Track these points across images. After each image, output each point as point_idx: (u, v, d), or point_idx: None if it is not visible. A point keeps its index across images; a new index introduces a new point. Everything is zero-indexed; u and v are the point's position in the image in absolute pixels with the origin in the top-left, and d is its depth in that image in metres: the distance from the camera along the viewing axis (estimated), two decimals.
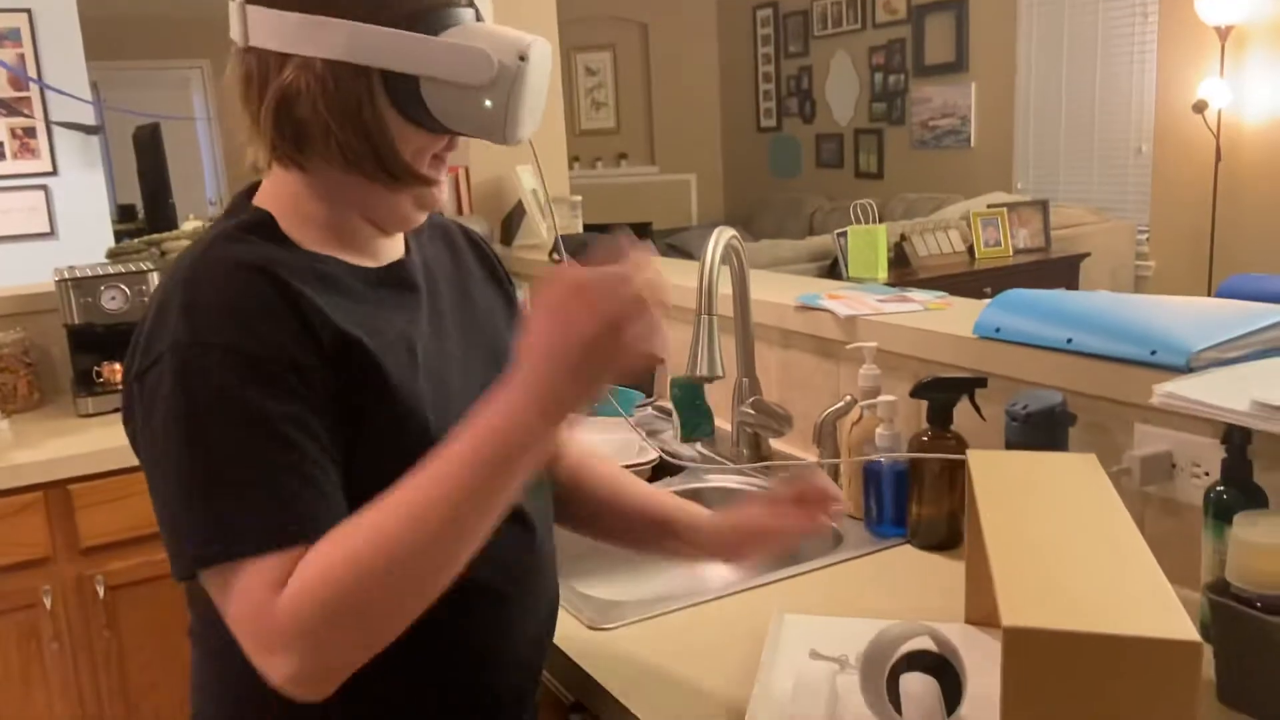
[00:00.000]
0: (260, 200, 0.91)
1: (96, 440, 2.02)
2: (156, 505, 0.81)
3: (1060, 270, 4.69)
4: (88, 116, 4.35)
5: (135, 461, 0.89)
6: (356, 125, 0.83)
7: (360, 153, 0.84)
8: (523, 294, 2.57)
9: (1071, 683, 0.70)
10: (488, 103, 0.81)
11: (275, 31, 0.82)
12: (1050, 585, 0.75)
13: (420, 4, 0.82)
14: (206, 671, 0.97)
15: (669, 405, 1.91)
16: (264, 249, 0.85)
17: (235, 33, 0.85)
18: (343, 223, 0.90)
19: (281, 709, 0.86)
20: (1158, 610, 0.72)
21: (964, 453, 1.06)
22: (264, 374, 0.78)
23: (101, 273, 2.25)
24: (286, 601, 0.74)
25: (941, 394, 1.32)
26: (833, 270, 4.48)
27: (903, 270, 4.48)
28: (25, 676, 1.95)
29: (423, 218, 0.94)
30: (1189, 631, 0.68)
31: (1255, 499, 1.01)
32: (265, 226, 0.88)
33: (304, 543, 0.76)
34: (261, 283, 0.81)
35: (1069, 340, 1.23)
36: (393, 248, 0.96)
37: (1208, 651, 0.98)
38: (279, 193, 0.90)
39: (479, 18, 0.86)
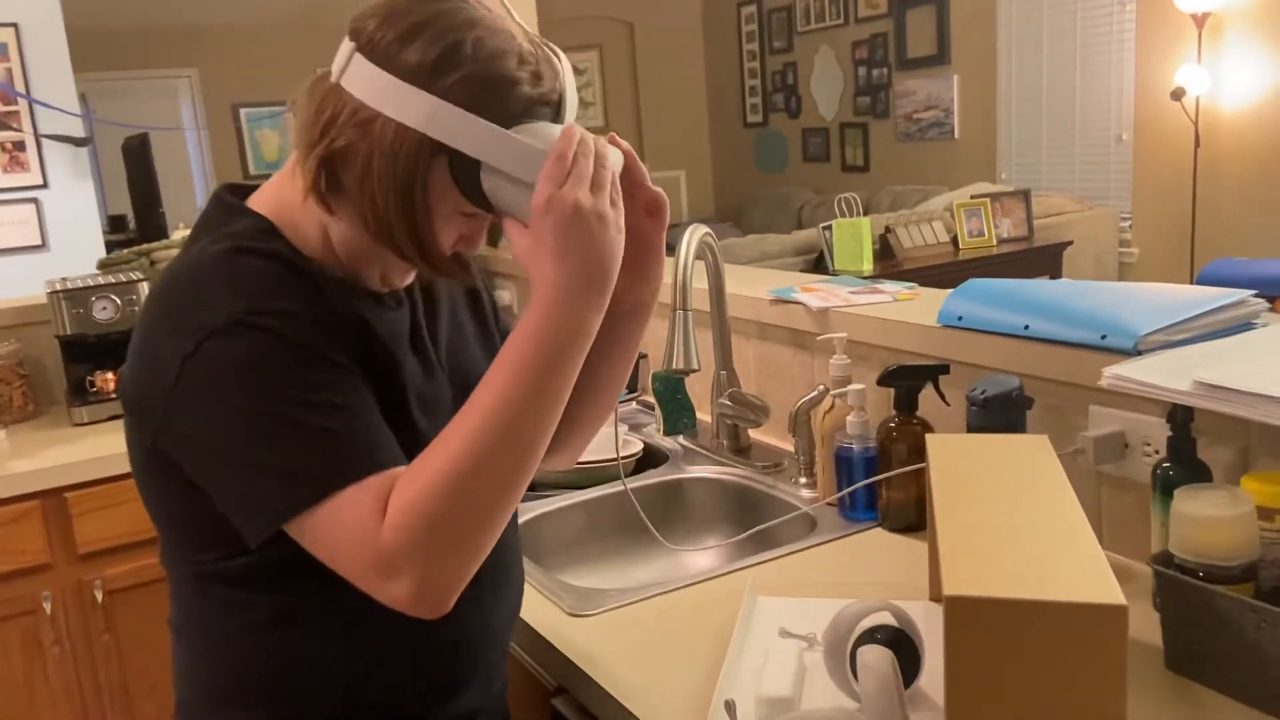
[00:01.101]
0: (260, 203, 0.93)
1: (91, 448, 2.07)
2: (221, 472, 0.83)
3: (1044, 259, 4.74)
4: (77, 129, 4.39)
5: (129, 468, 0.92)
6: (403, 202, 0.84)
7: (395, 229, 0.85)
8: (508, 295, 2.62)
9: (1010, 647, 0.75)
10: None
11: (369, 83, 0.84)
12: (991, 558, 0.80)
13: (519, 106, 0.84)
14: (187, 659, 0.99)
15: (652, 399, 1.95)
16: (280, 249, 0.88)
17: (335, 67, 0.87)
18: (347, 255, 0.93)
19: (260, 691, 0.92)
20: (1090, 578, 0.76)
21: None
22: (321, 333, 0.84)
23: (92, 284, 2.29)
24: (392, 526, 0.78)
25: (907, 381, 1.37)
26: (819, 264, 4.53)
27: (888, 262, 4.53)
28: (28, 680, 2.00)
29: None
30: (1116, 596, 0.73)
31: (1199, 474, 1.06)
32: (269, 234, 0.90)
33: (385, 469, 0.81)
34: (292, 271, 0.86)
35: (1026, 327, 1.28)
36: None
37: (1156, 620, 1.03)
38: (285, 200, 0.91)
39: (557, 117, 0.88)
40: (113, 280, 2.30)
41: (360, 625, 0.92)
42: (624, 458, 1.75)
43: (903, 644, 0.96)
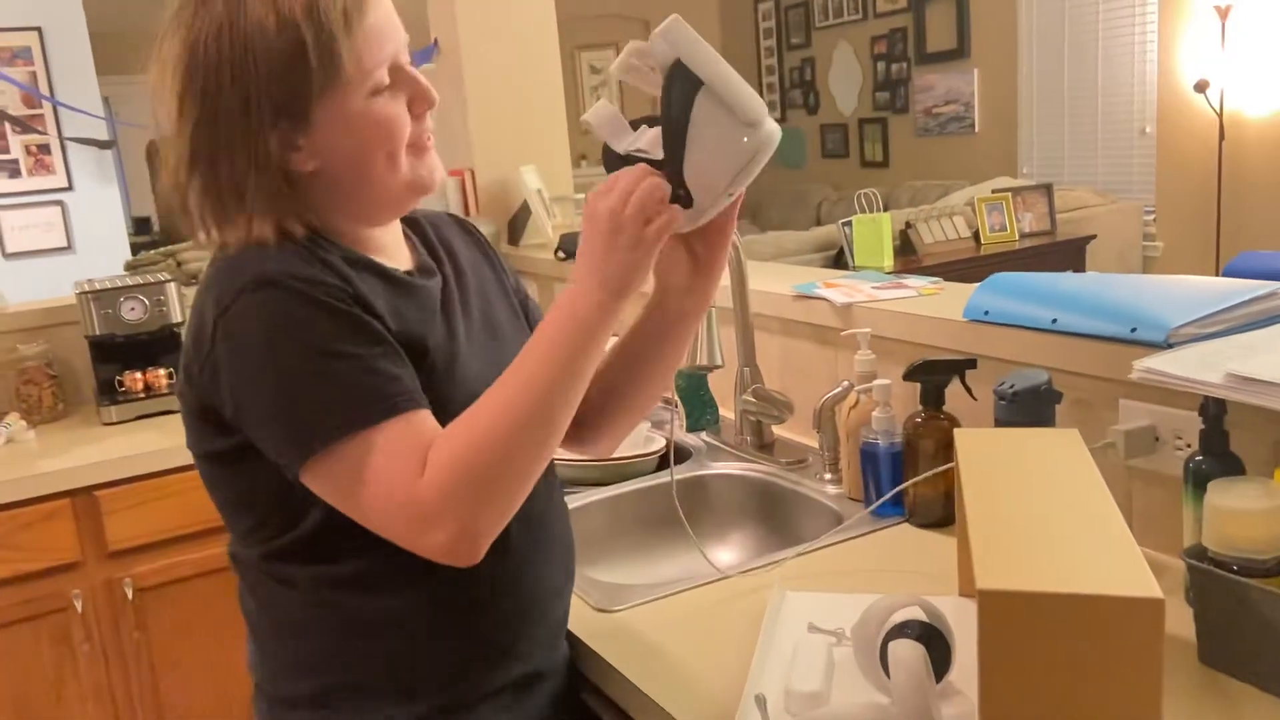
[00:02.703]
0: None
1: (121, 447, 2.09)
2: (260, 414, 0.88)
3: (1067, 253, 4.70)
4: (101, 131, 4.43)
5: (159, 466, 0.96)
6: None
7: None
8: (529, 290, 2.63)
9: (1044, 641, 0.74)
10: None
11: None
12: (1024, 551, 0.80)
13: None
14: (257, 643, 1.05)
15: (675, 397, 1.95)
16: (307, 237, 0.95)
17: None
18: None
19: (327, 661, 0.99)
20: (1125, 571, 0.76)
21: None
22: (343, 298, 0.90)
23: (120, 284, 2.31)
24: (430, 480, 0.84)
25: (933, 376, 1.36)
26: (839, 260, 4.51)
27: (909, 258, 4.51)
28: (59, 678, 2.02)
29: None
30: (1152, 589, 0.73)
31: (1232, 468, 1.05)
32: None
33: (416, 409, 0.87)
34: (318, 247, 0.93)
35: (1054, 321, 1.27)
36: (401, 252, 1.05)
37: (1189, 615, 1.02)
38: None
39: None
40: (141, 281, 2.32)
41: (420, 591, 0.97)
42: (654, 453, 1.75)
43: (933, 639, 0.95)
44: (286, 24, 0.87)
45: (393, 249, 1.04)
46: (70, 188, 4.44)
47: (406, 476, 0.84)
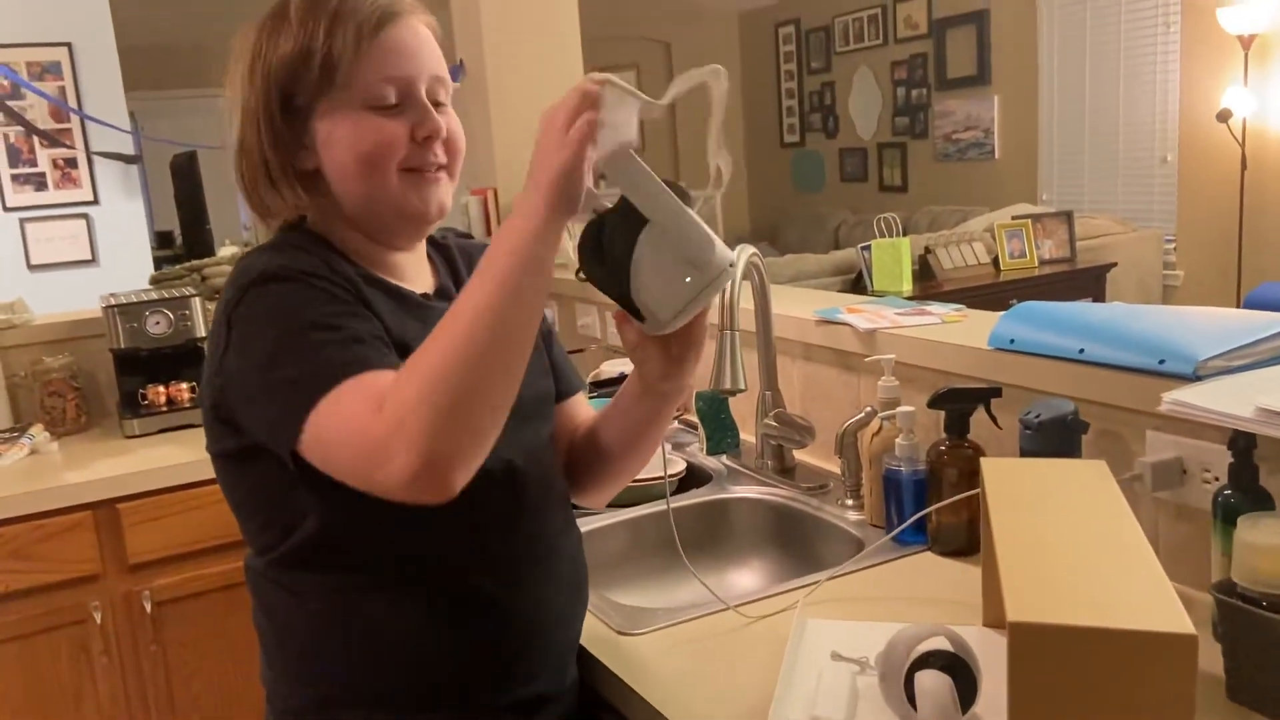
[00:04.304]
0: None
1: (143, 460, 2.10)
2: (255, 399, 0.93)
3: (1087, 281, 4.69)
4: (127, 146, 4.48)
5: (180, 480, 0.98)
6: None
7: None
8: (551, 313, 2.63)
9: (1075, 675, 0.74)
10: None
11: None
12: (1055, 583, 0.79)
13: None
14: (266, 652, 1.07)
15: (694, 419, 1.95)
16: (324, 243, 1.02)
17: None
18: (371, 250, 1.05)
19: (336, 671, 1.00)
20: (1157, 606, 0.75)
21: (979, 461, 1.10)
22: (339, 293, 0.94)
23: (146, 298, 2.33)
24: (385, 412, 0.84)
25: (958, 404, 1.36)
26: (857, 284, 4.51)
27: (928, 283, 4.51)
28: (77, 689, 2.03)
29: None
30: (1185, 625, 0.72)
31: (1261, 502, 1.04)
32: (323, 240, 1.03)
33: (385, 367, 0.89)
34: (329, 259, 0.98)
35: (1081, 351, 1.27)
36: (421, 277, 1.09)
37: (1216, 650, 1.01)
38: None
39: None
40: (166, 295, 2.34)
41: (430, 602, 0.99)
42: (668, 476, 1.74)
43: (959, 670, 0.95)
44: (306, 32, 0.97)
45: (410, 272, 1.07)
46: (96, 201, 4.48)
47: (364, 419, 0.85)
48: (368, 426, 0.84)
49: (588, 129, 0.86)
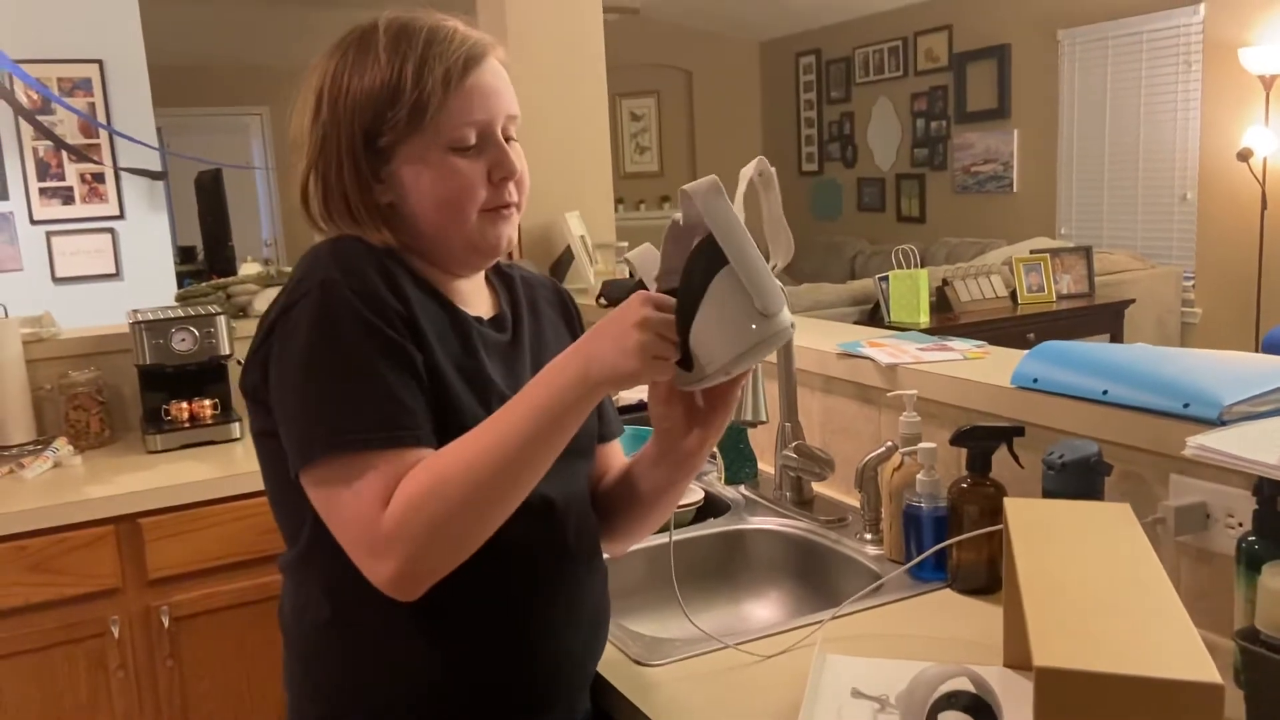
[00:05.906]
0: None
1: (165, 476, 2.12)
2: (284, 410, 0.94)
3: (1105, 317, 4.68)
4: (153, 162, 4.53)
5: (201, 496, 1.00)
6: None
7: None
8: None
9: None
10: None
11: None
12: (1081, 628, 0.80)
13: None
14: (286, 660, 1.08)
15: (714, 449, 1.96)
16: (386, 248, 1.02)
17: None
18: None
19: (350, 690, 1.01)
20: (1183, 654, 0.76)
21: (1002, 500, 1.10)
22: (391, 320, 0.94)
23: (172, 315, 2.36)
24: (392, 514, 0.87)
25: (981, 442, 1.36)
26: (874, 314, 4.52)
27: (945, 315, 4.51)
28: (93, 703, 2.03)
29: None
30: (1212, 674, 0.72)
31: None
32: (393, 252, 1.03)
33: (414, 447, 0.91)
34: (390, 268, 0.98)
35: (1105, 392, 1.27)
36: (479, 301, 1.10)
37: (1238, 696, 1.01)
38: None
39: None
40: (192, 313, 2.36)
41: (444, 628, 0.99)
42: (692, 504, 1.75)
43: (981, 711, 0.95)
44: (394, 69, 0.97)
45: (471, 298, 1.08)
46: (121, 216, 4.53)
47: (375, 504, 0.88)
48: (373, 520, 0.88)
49: (661, 358, 0.87)
